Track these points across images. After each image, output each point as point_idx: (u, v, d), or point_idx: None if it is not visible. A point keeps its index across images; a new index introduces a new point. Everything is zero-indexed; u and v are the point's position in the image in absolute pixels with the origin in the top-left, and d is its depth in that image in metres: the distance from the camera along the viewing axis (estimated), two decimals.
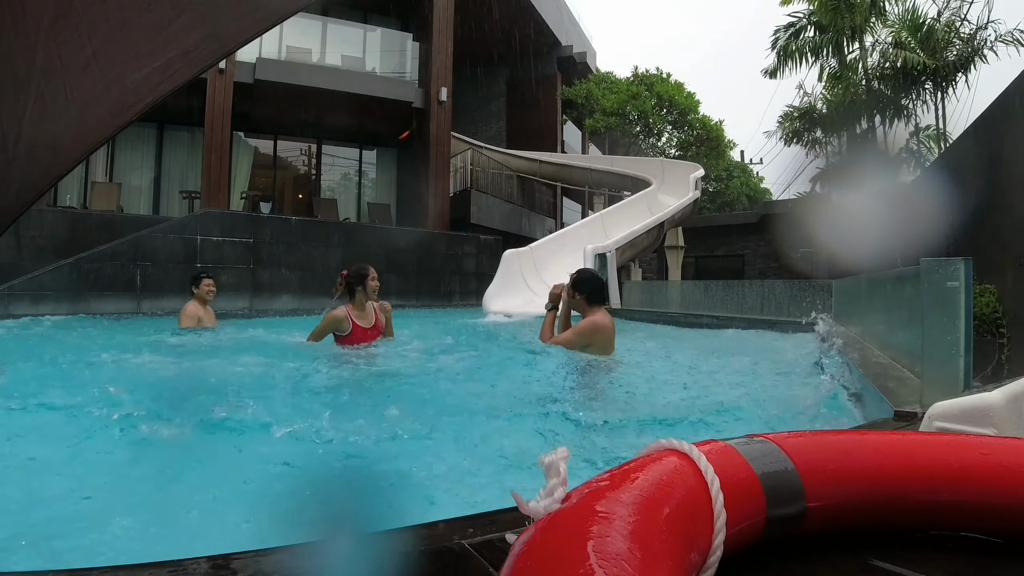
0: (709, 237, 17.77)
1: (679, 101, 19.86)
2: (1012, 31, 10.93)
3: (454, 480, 1.75)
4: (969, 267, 1.89)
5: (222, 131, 10.95)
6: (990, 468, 0.78)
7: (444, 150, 12.93)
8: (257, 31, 0.99)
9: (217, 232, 9.13)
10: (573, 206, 22.75)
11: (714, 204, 25.71)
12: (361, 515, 0.99)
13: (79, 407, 2.34)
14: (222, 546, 0.83)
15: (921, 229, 5.23)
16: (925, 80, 11.77)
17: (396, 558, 0.79)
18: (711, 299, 9.12)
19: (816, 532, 0.78)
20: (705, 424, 2.31)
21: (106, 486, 1.72)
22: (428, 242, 11.81)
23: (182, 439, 2.10)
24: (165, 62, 0.90)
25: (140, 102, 0.93)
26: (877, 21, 12.93)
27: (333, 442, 2.04)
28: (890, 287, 3.18)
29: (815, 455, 0.78)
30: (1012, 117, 3.82)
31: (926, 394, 1.92)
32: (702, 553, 0.63)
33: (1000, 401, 1.07)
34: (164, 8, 0.85)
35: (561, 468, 0.61)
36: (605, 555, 0.48)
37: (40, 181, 0.94)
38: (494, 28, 16.16)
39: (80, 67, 0.83)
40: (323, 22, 12.50)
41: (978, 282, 3.57)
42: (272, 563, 0.77)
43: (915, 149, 13.39)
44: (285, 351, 4.19)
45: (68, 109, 0.87)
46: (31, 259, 7.78)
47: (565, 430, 2.22)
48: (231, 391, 2.61)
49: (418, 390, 2.98)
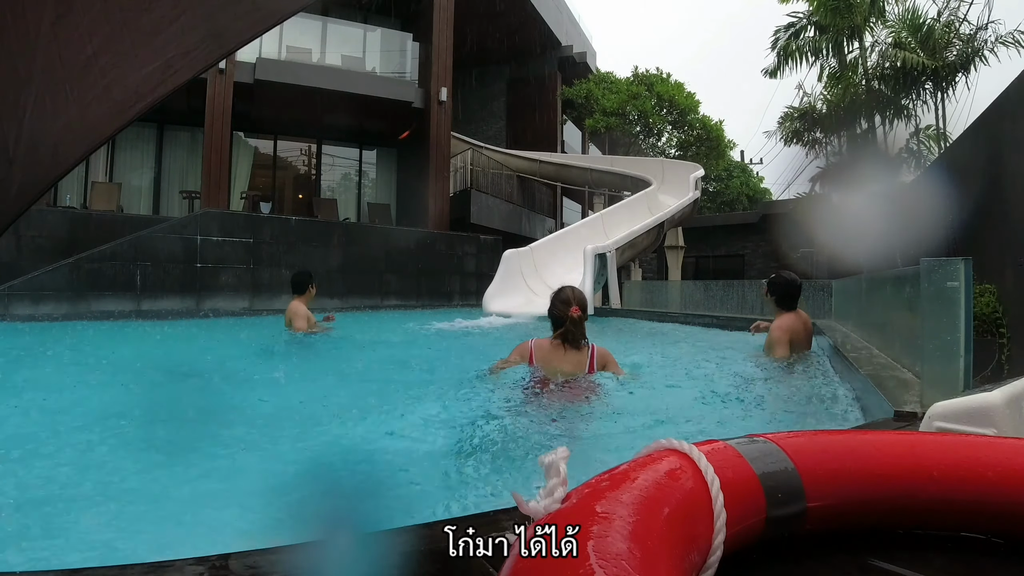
0: (709, 237, 17.76)
1: (679, 101, 19.85)
2: (1012, 32, 10.94)
3: (454, 480, 1.75)
4: (969, 267, 1.89)
5: (222, 131, 10.95)
6: (990, 468, 0.78)
7: (444, 150, 12.93)
8: (257, 31, 0.99)
9: (217, 232, 9.13)
10: (573, 206, 22.74)
11: (714, 204, 25.70)
12: (361, 515, 0.99)
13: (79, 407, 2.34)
14: (222, 546, 0.83)
15: (921, 229, 5.23)
16: (925, 80, 11.77)
17: (396, 558, 0.79)
18: (711, 299, 9.13)
19: (816, 532, 0.78)
20: (705, 424, 2.31)
21: (106, 486, 1.72)
22: (428, 242, 11.81)
23: (182, 439, 2.10)
24: (165, 62, 0.90)
25: (140, 102, 0.93)
26: (877, 21, 12.93)
27: (333, 442, 2.04)
28: (890, 287, 3.18)
29: (815, 455, 0.78)
30: (1012, 117, 3.82)
31: (926, 394, 1.92)
32: (702, 553, 0.63)
33: (1000, 401, 1.07)
34: (164, 8, 0.85)
35: (561, 468, 0.61)
36: (605, 555, 0.48)
37: (40, 181, 0.94)
38: (494, 28, 16.16)
39: (80, 67, 0.83)
40: (323, 22, 12.50)
41: (978, 282, 3.57)
42: (272, 563, 0.77)
43: (915, 149, 13.39)
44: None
45: (68, 109, 0.87)
46: (31, 259, 7.78)
47: (564, 430, 2.22)
48: (233, 391, 2.61)
49: (418, 390, 2.97)
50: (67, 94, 0.85)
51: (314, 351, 4.61)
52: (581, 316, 2.70)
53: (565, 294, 2.76)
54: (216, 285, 9.04)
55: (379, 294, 10.87)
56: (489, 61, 18.08)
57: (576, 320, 2.69)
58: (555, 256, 10.70)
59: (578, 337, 2.72)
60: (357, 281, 10.60)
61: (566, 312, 2.69)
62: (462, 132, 16.27)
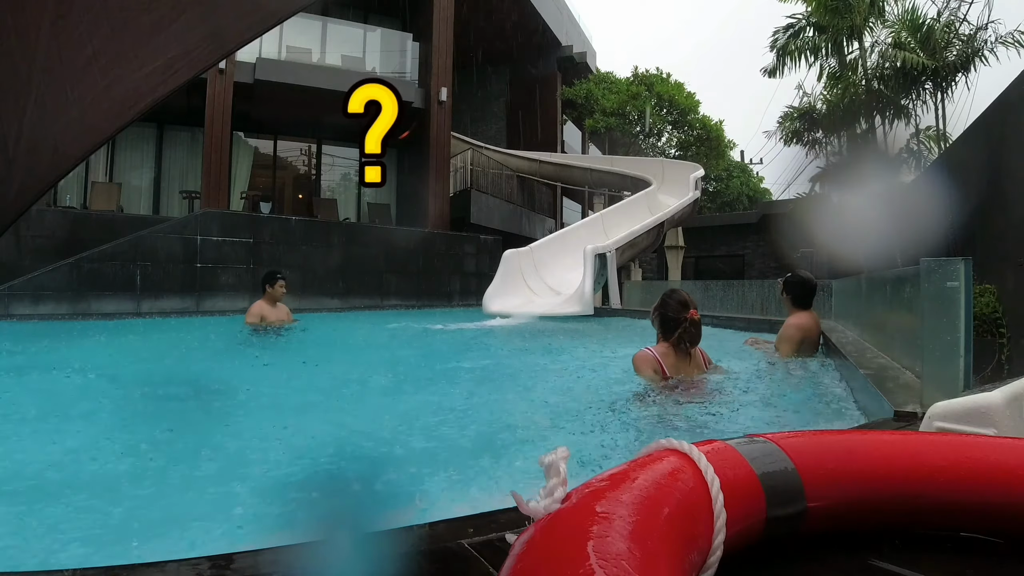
0: (709, 237, 17.76)
1: (679, 101, 19.86)
2: (1012, 32, 10.94)
3: (454, 480, 1.75)
4: (969, 267, 1.89)
5: (222, 131, 10.94)
6: (990, 468, 0.78)
7: (444, 150, 12.93)
8: (258, 31, 0.99)
9: (217, 232, 9.13)
10: (573, 206, 22.74)
11: (714, 204, 25.69)
12: (361, 515, 0.99)
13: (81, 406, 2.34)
14: (222, 546, 0.83)
15: (921, 229, 5.23)
16: (925, 80, 11.77)
17: (396, 558, 0.79)
18: (711, 299, 9.11)
19: (816, 532, 0.78)
20: (705, 424, 2.31)
21: (105, 485, 1.72)
22: (428, 242, 11.80)
23: (182, 439, 2.10)
24: (166, 62, 0.90)
25: (140, 102, 0.93)
26: (877, 21, 12.92)
27: (333, 442, 2.04)
28: (890, 287, 3.18)
29: (815, 455, 0.78)
30: (1012, 117, 3.82)
31: (926, 394, 1.92)
32: (702, 553, 0.63)
33: (1000, 401, 1.07)
34: (164, 8, 0.85)
35: (561, 468, 0.61)
36: (605, 555, 0.48)
37: (40, 181, 0.94)
38: (494, 28, 16.16)
39: (80, 67, 0.83)
40: (323, 22, 12.49)
41: (978, 282, 3.57)
42: (271, 563, 0.77)
43: (915, 149, 13.38)
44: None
45: (68, 109, 0.87)
46: (31, 259, 7.78)
47: (564, 430, 2.22)
48: (233, 390, 2.61)
49: (419, 391, 2.97)
50: (67, 94, 0.85)
51: (294, 347, 4.63)
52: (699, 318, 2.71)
53: (682, 296, 2.72)
54: (216, 285, 9.04)
55: (379, 294, 10.87)
56: (489, 61, 18.07)
57: (696, 322, 2.67)
58: (555, 256, 10.70)
59: (696, 339, 2.69)
60: (357, 281, 10.60)
61: (684, 314, 2.64)
62: (462, 132, 16.26)
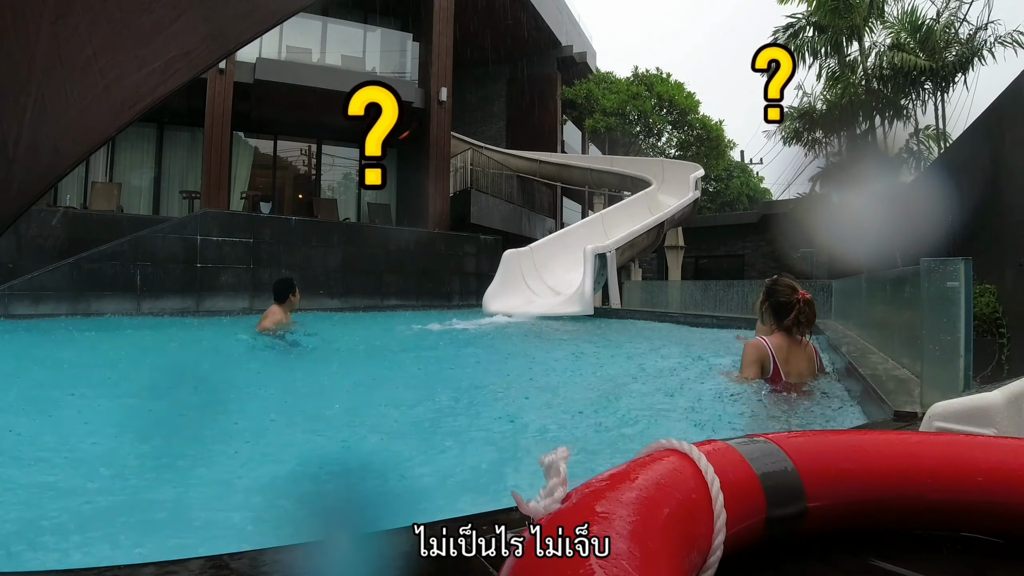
0: (709, 237, 17.75)
1: (679, 101, 19.84)
2: (1012, 32, 10.93)
3: (454, 480, 1.75)
4: (969, 267, 1.89)
5: (222, 131, 10.94)
6: (990, 468, 0.78)
7: (444, 150, 12.92)
8: (257, 31, 0.99)
9: (217, 232, 9.13)
10: (573, 206, 22.73)
11: (714, 204, 25.68)
12: (361, 515, 0.99)
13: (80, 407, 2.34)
14: (222, 546, 0.83)
15: (921, 229, 5.23)
16: (925, 80, 11.76)
17: (396, 558, 0.79)
18: (711, 299, 9.12)
19: (816, 532, 0.78)
20: (705, 424, 2.31)
21: (106, 487, 1.72)
22: (428, 242, 11.80)
23: (182, 439, 2.10)
24: (166, 62, 0.90)
25: (140, 102, 0.93)
26: (876, 21, 12.92)
27: (332, 442, 2.04)
28: (890, 287, 3.18)
29: (815, 455, 0.78)
30: (1012, 117, 3.82)
31: (926, 394, 1.92)
32: (702, 553, 0.63)
33: (1000, 401, 1.07)
34: (164, 8, 0.85)
35: (561, 468, 0.61)
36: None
37: (40, 181, 0.94)
38: (494, 28, 16.15)
39: (80, 67, 0.83)
40: (323, 22, 12.49)
41: (978, 282, 3.57)
42: (271, 563, 0.77)
43: (915, 149, 13.37)
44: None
45: (68, 109, 0.87)
46: (31, 259, 7.77)
47: (565, 429, 2.22)
48: (235, 389, 2.61)
49: (418, 391, 2.97)
50: (67, 94, 0.85)
51: (294, 349, 4.61)
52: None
53: (788, 280, 2.61)
54: (216, 285, 9.04)
55: (379, 294, 10.87)
56: (489, 61, 18.06)
57: (810, 301, 2.53)
58: (555, 256, 10.71)
59: (812, 319, 2.55)
60: (357, 281, 10.60)
61: (795, 296, 2.52)
62: (462, 132, 16.25)
